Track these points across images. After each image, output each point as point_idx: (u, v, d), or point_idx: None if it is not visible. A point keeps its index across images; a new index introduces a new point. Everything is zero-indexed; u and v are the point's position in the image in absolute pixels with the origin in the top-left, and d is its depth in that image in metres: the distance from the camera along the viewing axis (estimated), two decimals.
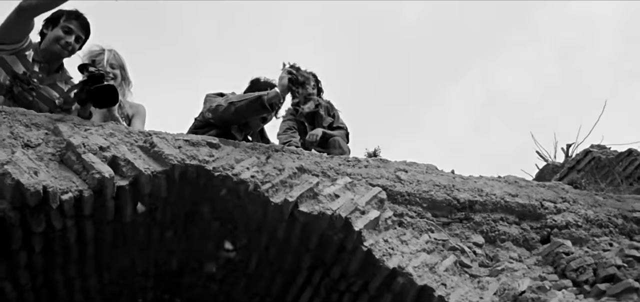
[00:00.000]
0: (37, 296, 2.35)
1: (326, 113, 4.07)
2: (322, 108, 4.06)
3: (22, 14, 2.55)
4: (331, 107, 4.23)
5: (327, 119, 4.03)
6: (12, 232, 1.96)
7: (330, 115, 4.13)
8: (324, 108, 4.08)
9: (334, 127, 4.11)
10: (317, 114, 3.98)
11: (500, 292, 2.76)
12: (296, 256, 2.70)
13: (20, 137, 2.05)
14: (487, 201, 3.17)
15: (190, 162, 2.29)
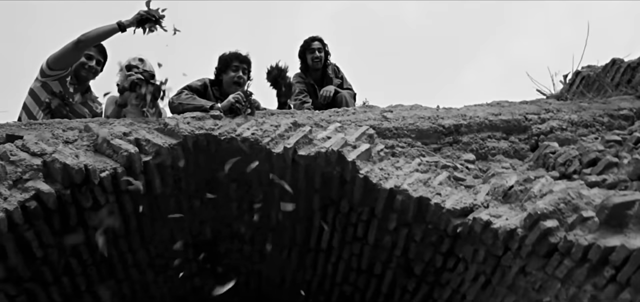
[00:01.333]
0: (98, 271, 2.78)
1: (334, 75, 4.33)
2: (330, 69, 4.33)
3: (80, 46, 3.07)
4: (338, 70, 4.42)
5: (336, 81, 4.27)
6: (68, 209, 2.40)
7: (338, 77, 4.36)
8: (331, 69, 4.34)
9: (344, 88, 4.31)
10: (326, 75, 4.24)
11: (492, 191, 3.03)
12: (307, 200, 3.06)
13: (60, 136, 2.50)
14: (471, 123, 3.46)
15: (199, 132, 2.71)
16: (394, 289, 3.45)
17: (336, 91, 4.01)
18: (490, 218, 2.82)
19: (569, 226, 2.56)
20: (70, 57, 3.13)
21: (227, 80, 3.50)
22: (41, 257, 2.41)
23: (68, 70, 3.22)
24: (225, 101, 3.02)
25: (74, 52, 3.11)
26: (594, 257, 2.35)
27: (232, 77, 3.47)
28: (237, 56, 3.48)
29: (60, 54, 3.10)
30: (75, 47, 3.08)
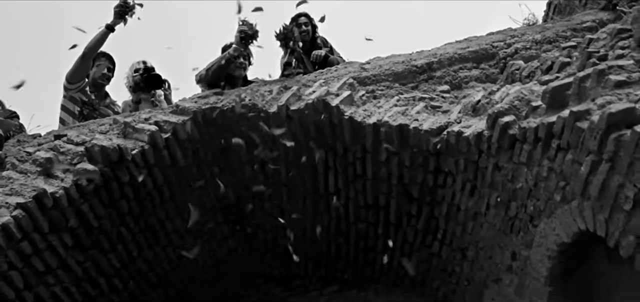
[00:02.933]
0: (145, 238, 3.31)
1: (322, 44, 4.59)
2: (319, 40, 4.60)
3: (86, 57, 3.65)
4: (326, 41, 4.67)
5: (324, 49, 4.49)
6: (111, 184, 2.94)
7: (327, 46, 4.62)
8: (320, 40, 4.61)
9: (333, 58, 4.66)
10: (315, 44, 4.53)
11: (463, 109, 3.42)
12: (308, 151, 3.51)
13: (95, 130, 3.05)
14: (442, 59, 3.85)
15: (206, 107, 3.22)
16: (401, 217, 3.86)
17: (327, 55, 4.40)
18: (461, 129, 3.21)
19: (523, 117, 2.94)
20: (82, 69, 3.68)
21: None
22: (97, 227, 2.95)
23: (85, 81, 3.78)
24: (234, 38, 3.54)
25: (84, 63, 3.66)
26: (543, 134, 2.73)
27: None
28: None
29: (73, 69, 3.66)
30: (83, 59, 3.63)
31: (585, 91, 2.68)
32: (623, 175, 2.27)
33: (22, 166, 2.71)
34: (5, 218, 2.46)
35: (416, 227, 3.86)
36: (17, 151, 2.81)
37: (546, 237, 2.97)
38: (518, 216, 3.17)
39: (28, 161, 2.73)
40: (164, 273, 3.53)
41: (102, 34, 3.58)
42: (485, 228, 3.47)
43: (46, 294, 2.78)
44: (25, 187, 2.59)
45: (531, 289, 3.25)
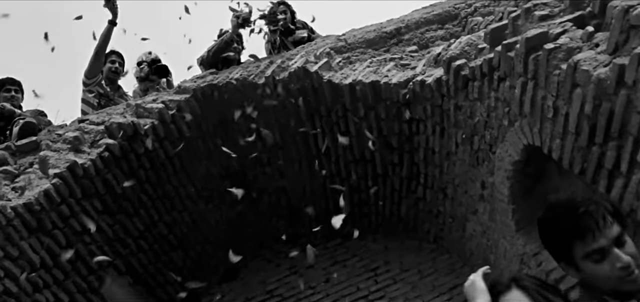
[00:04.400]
0: (163, 203, 3.84)
1: (302, 27, 4.98)
2: (299, 23, 5.00)
3: (98, 54, 4.19)
4: (306, 24, 5.08)
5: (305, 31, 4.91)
6: (129, 156, 3.47)
7: (307, 28, 5.03)
8: (300, 23, 5.02)
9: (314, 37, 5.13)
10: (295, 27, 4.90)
11: (426, 63, 3.87)
12: (296, 116, 4.00)
13: (112, 113, 3.59)
14: (410, 24, 4.30)
15: (203, 85, 3.74)
16: (386, 167, 4.31)
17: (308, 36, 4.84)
18: (424, 78, 3.67)
19: (472, 58, 3.39)
20: (96, 65, 4.21)
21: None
22: (121, 193, 3.48)
23: (100, 76, 4.32)
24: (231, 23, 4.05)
25: (97, 60, 4.19)
26: (486, 69, 3.16)
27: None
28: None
29: (89, 66, 4.19)
30: (95, 57, 4.17)
31: (517, 28, 3.12)
32: (543, 88, 2.71)
33: (55, 146, 3.26)
34: (46, 185, 3.00)
35: (400, 175, 4.32)
36: (49, 135, 3.37)
37: (503, 160, 3.39)
38: (480, 148, 3.60)
39: (59, 141, 3.28)
40: (182, 235, 4.05)
41: (106, 30, 4.11)
42: (457, 165, 3.91)
43: (84, 251, 3.32)
44: (59, 160, 3.14)
45: (500, 211, 3.67)
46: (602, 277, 1.42)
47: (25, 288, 2.90)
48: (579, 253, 1.45)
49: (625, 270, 1.38)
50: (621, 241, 1.41)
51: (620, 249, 1.40)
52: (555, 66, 2.58)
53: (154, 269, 3.90)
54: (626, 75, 2.19)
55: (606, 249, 1.40)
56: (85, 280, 3.35)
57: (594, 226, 1.40)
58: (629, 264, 1.37)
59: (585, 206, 1.44)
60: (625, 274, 1.38)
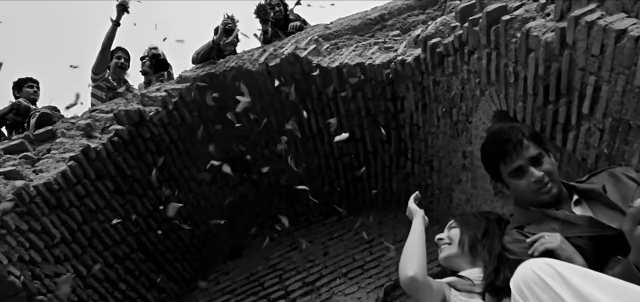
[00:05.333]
0: (169, 185, 4.16)
1: (295, 19, 5.26)
2: (291, 14, 5.33)
3: (104, 51, 4.53)
4: (298, 16, 5.37)
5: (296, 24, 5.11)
6: (136, 140, 3.81)
7: (300, 20, 5.29)
8: (292, 15, 5.33)
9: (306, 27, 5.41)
10: (288, 20, 5.23)
11: (407, 44, 4.16)
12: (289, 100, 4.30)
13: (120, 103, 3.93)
14: (392, 10, 4.59)
15: (203, 74, 4.07)
16: (375, 145, 4.61)
17: (301, 26, 5.15)
18: (404, 58, 3.97)
19: (446, 36, 3.68)
20: (103, 62, 4.53)
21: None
22: (131, 175, 3.81)
23: (107, 71, 4.66)
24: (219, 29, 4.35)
25: (103, 57, 4.51)
26: (458, 44, 3.45)
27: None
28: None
29: (96, 63, 4.51)
30: (101, 54, 4.49)
31: (484, 5, 3.41)
32: (505, 56, 3.00)
33: (69, 133, 3.59)
34: (63, 167, 3.34)
35: (389, 151, 4.62)
36: (64, 124, 3.71)
37: (478, 128, 3.68)
38: (459, 119, 3.89)
39: (73, 128, 3.61)
40: (188, 215, 4.38)
41: (111, 30, 4.44)
42: (440, 138, 4.20)
43: (99, 228, 3.65)
44: (74, 145, 3.47)
45: (480, 178, 3.96)
46: (522, 190, 1.72)
47: (48, 259, 3.24)
48: (504, 172, 1.75)
49: (538, 183, 1.68)
50: (538, 160, 1.71)
51: (536, 167, 1.70)
52: (512, 35, 2.87)
53: (163, 247, 4.23)
54: (567, 37, 2.48)
55: (523, 167, 1.70)
56: (100, 255, 3.68)
57: (512, 149, 1.70)
58: (541, 179, 1.67)
59: (506, 133, 1.75)
60: (539, 187, 1.68)
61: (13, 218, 2.97)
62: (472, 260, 2.07)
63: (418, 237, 2.06)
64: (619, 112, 2.32)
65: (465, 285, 1.98)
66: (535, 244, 1.58)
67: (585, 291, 1.10)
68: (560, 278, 1.16)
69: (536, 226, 1.65)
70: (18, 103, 4.30)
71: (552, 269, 1.19)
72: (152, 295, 4.18)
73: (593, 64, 2.36)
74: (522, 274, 1.23)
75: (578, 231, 1.55)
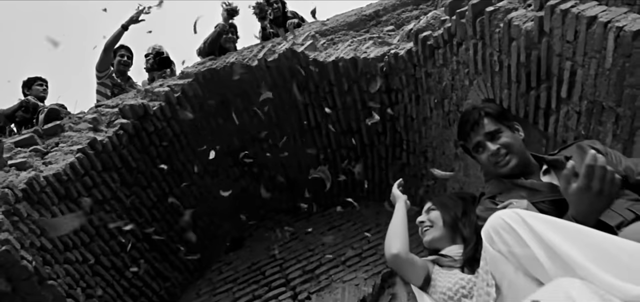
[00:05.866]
0: (172, 177, 4.33)
1: (293, 16, 5.41)
2: (289, 12, 5.45)
3: (107, 51, 4.71)
4: (296, 13, 5.50)
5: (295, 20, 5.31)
6: (141, 133, 3.98)
7: (298, 17, 5.45)
8: (290, 13, 5.46)
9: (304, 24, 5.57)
10: (286, 17, 5.37)
11: (401, 38, 4.32)
12: (288, 93, 4.47)
13: (124, 98, 4.10)
14: (387, 6, 4.75)
15: (204, 69, 4.24)
16: (372, 137, 4.77)
17: (299, 23, 5.32)
18: (397, 51, 4.12)
19: (436, 29, 3.83)
20: (106, 60, 4.71)
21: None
22: (136, 167, 3.98)
23: (111, 69, 4.83)
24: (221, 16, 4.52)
25: (106, 56, 4.69)
26: (447, 37, 3.61)
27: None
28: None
29: (99, 61, 4.69)
30: (104, 53, 4.66)
31: None
32: (490, 46, 3.16)
33: (76, 127, 3.76)
34: (71, 159, 3.51)
35: (385, 143, 4.77)
36: (71, 119, 3.88)
37: None
38: (450, 109, 4.03)
39: (80, 123, 3.79)
40: (191, 207, 4.53)
41: (118, 32, 4.61)
42: (433, 129, 4.35)
43: (107, 218, 3.82)
44: (81, 138, 3.64)
45: (471, 166, 4.10)
46: (484, 164, 1.89)
47: (58, 246, 3.40)
48: (470, 147, 1.92)
49: (495, 156, 1.84)
50: (494, 135, 1.88)
51: (493, 141, 1.86)
52: (496, 26, 3.02)
53: (167, 237, 4.39)
54: (544, 25, 2.64)
55: (481, 143, 1.87)
56: (107, 244, 3.85)
57: (470, 128, 1.88)
58: (496, 152, 1.84)
59: (467, 114, 1.92)
60: (496, 159, 1.84)
61: (25, 206, 3.13)
62: (451, 238, 2.24)
63: (401, 218, 2.25)
64: (593, 94, 2.47)
65: (447, 262, 2.15)
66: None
67: (544, 234, 1.23)
68: (524, 223, 1.29)
69: (506, 195, 1.80)
70: (27, 100, 4.48)
71: (518, 216, 1.33)
72: (157, 283, 4.35)
73: (568, 49, 2.51)
74: (491, 222, 1.38)
75: (541, 197, 1.70)
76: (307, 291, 4.47)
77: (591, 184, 1.34)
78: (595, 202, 1.35)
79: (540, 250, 1.22)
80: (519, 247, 1.26)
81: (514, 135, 1.89)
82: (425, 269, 2.16)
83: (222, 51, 4.53)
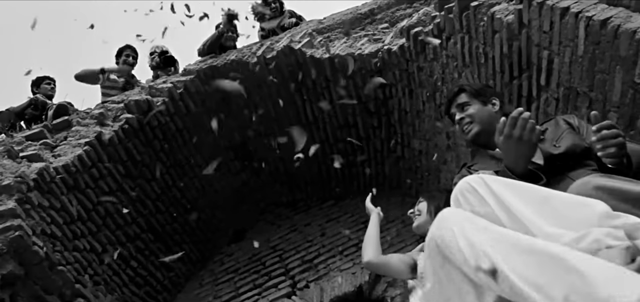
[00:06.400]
0: (176, 171, 4.51)
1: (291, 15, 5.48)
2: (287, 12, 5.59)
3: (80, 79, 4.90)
4: (294, 13, 5.57)
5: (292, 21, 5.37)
6: (145, 128, 4.15)
7: (296, 17, 5.52)
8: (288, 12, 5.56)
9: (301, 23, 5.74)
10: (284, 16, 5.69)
11: (394, 34, 4.49)
12: (286, 90, 4.65)
13: (129, 95, 4.29)
14: (382, 5, 4.91)
15: (205, 67, 4.42)
16: (368, 131, 4.94)
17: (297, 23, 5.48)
18: (391, 47, 4.30)
19: (427, 25, 4.01)
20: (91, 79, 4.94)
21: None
22: (140, 160, 4.16)
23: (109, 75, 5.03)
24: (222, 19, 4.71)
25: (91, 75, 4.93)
26: (436, 31, 3.78)
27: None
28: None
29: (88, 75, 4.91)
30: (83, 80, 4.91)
31: None
32: (475, 39, 3.33)
33: (84, 122, 3.95)
34: (79, 151, 3.69)
35: (381, 137, 4.94)
36: (78, 115, 4.07)
37: None
38: (442, 102, 4.19)
39: (87, 118, 3.97)
40: (193, 200, 4.72)
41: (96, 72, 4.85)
42: (426, 122, 4.52)
43: (112, 209, 4.00)
44: (88, 132, 3.82)
45: (462, 157, 4.26)
46: (457, 133, 2.09)
47: (67, 235, 3.58)
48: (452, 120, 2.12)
49: (459, 125, 2.04)
50: (463, 107, 2.07)
51: (462, 111, 2.06)
52: (480, 19, 3.19)
53: (170, 229, 4.57)
54: (523, 17, 2.80)
55: (454, 114, 2.07)
56: (113, 233, 4.02)
57: (448, 102, 2.09)
58: (460, 120, 2.03)
59: (449, 92, 2.11)
60: (461, 128, 2.04)
61: (36, 195, 3.31)
62: None
63: (373, 229, 2.60)
64: (568, 81, 2.63)
65: None
66: None
67: (501, 194, 1.40)
68: (487, 186, 1.45)
69: (480, 164, 1.98)
70: (36, 98, 4.67)
71: (481, 180, 1.49)
72: (161, 273, 4.52)
73: (545, 39, 2.68)
74: (459, 186, 1.54)
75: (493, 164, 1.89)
76: (305, 279, 4.64)
77: (513, 132, 1.55)
78: (518, 147, 1.57)
79: (498, 207, 1.38)
80: (481, 206, 1.43)
81: (483, 108, 2.07)
82: (408, 262, 2.45)
83: (222, 49, 4.71)
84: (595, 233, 1.12)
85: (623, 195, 1.27)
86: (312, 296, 4.45)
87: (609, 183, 1.33)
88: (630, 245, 1.07)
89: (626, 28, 2.14)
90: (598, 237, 1.10)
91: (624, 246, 1.06)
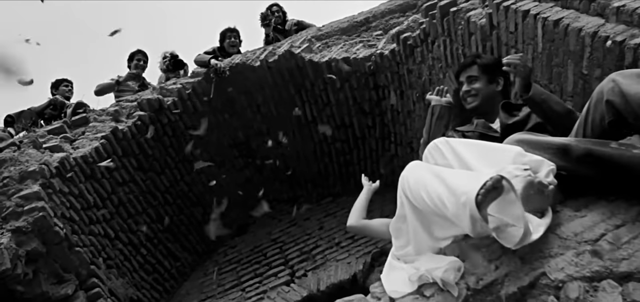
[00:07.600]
0: (183, 166, 4.86)
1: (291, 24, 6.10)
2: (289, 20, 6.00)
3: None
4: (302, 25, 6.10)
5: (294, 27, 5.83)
6: (155, 125, 4.53)
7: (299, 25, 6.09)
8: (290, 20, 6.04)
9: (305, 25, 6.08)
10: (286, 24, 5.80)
11: (388, 40, 4.83)
12: (287, 92, 5.00)
13: (142, 95, 4.67)
14: (376, 14, 5.27)
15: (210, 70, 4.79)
16: (363, 130, 5.27)
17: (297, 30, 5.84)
18: (383, 51, 4.65)
19: (415, 30, 4.35)
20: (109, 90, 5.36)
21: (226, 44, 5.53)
22: (151, 154, 4.52)
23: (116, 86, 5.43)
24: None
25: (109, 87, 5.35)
26: (422, 36, 4.12)
27: (229, 42, 5.51)
28: (229, 29, 5.54)
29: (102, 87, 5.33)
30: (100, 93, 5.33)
31: None
32: (456, 41, 3.67)
33: (100, 118, 4.32)
34: (96, 144, 4.06)
35: (375, 136, 5.27)
36: (95, 112, 4.45)
37: None
38: None
39: (103, 115, 4.35)
40: (200, 194, 5.07)
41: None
42: (417, 121, 4.84)
43: (124, 198, 4.35)
44: (104, 127, 4.20)
45: None
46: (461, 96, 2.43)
47: (84, 219, 3.94)
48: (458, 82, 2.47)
49: (465, 94, 2.39)
50: (472, 80, 2.40)
51: (469, 84, 2.40)
52: (459, 23, 3.54)
53: (178, 221, 4.92)
54: (493, 20, 3.15)
55: (463, 82, 2.41)
56: (125, 221, 4.38)
57: (462, 67, 2.48)
58: (466, 91, 2.37)
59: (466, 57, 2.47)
60: (465, 96, 2.39)
61: (57, 182, 3.68)
62: None
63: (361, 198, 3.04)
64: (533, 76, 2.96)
65: None
66: None
67: (457, 149, 1.75)
68: (449, 145, 1.80)
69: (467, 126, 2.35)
70: (55, 99, 5.06)
71: (445, 140, 1.85)
72: (168, 262, 4.86)
73: (511, 39, 3.02)
74: (428, 147, 1.90)
75: (473, 128, 2.24)
76: (304, 269, 4.96)
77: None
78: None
79: (453, 157, 1.74)
80: (442, 159, 1.78)
81: (488, 86, 2.41)
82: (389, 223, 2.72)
83: (227, 55, 5.08)
84: (508, 168, 1.47)
85: (537, 144, 1.63)
86: (309, 284, 4.76)
87: (526, 136, 1.69)
88: (531, 174, 1.43)
89: (574, 26, 2.48)
90: (510, 170, 1.45)
91: (526, 175, 1.42)
